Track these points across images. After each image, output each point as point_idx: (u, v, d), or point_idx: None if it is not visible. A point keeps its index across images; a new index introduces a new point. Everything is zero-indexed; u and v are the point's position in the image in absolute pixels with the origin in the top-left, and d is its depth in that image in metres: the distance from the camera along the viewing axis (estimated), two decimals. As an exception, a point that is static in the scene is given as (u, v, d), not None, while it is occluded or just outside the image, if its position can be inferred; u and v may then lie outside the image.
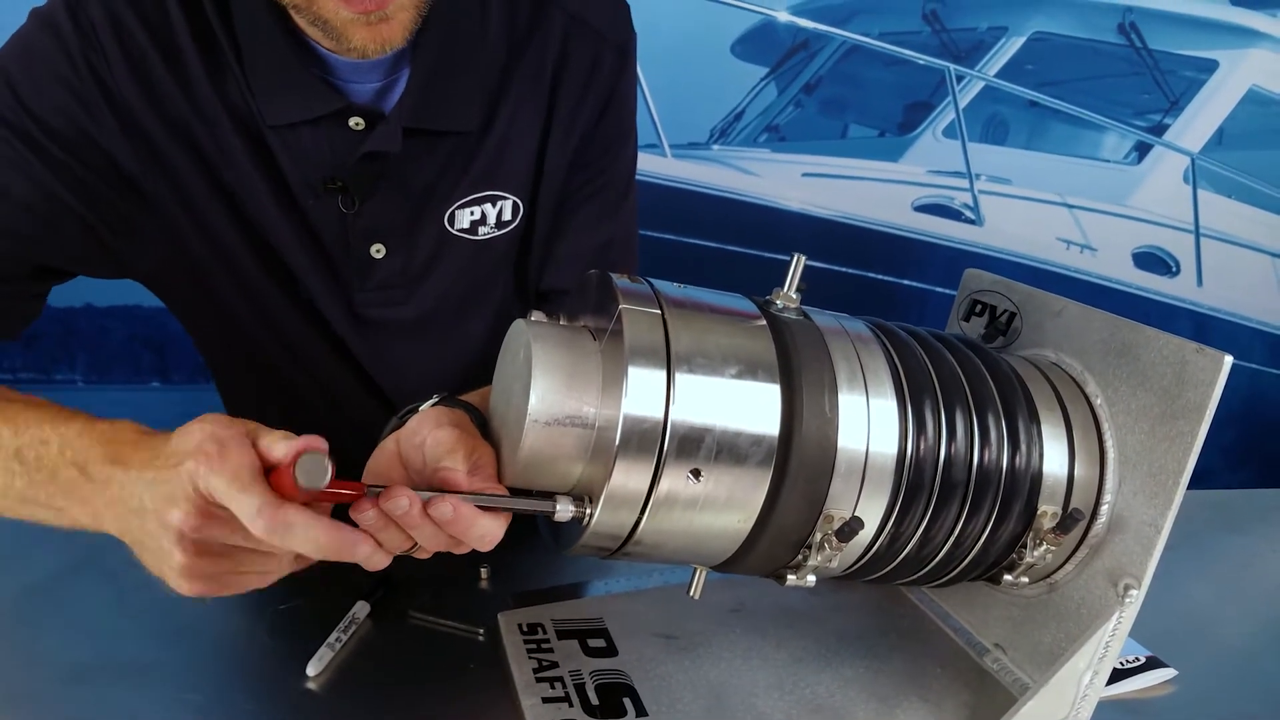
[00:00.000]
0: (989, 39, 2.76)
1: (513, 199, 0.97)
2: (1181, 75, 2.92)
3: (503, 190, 0.97)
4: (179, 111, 0.85)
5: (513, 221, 0.98)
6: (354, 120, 0.87)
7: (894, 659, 0.87)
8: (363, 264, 0.93)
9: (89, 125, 0.83)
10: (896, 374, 0.68)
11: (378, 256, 0.93)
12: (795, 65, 2.67)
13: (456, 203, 0.94)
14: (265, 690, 0.78)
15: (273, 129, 0.86)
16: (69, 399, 2.24)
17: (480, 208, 0.96)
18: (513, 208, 0.97)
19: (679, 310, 0.63)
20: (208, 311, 0.98)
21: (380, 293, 0.95)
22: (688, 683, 0.81)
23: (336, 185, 0.88)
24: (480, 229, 0.97)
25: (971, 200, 2.78)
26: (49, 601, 0.89)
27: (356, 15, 0.76)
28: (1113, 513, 0.75)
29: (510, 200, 0.97)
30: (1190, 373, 0.71)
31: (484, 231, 0.97)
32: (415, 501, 0.60)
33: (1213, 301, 3.06)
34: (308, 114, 0.85)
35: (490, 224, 0.97)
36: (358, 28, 0.77)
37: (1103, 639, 0.74)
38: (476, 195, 0.95)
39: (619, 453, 0.58)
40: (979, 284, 0.93)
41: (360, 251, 0.93)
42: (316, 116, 0.86)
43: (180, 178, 0.87)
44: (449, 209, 0.94)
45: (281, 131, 0.86)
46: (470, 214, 0.96)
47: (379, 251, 0.93)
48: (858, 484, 0.65)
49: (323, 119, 0.86)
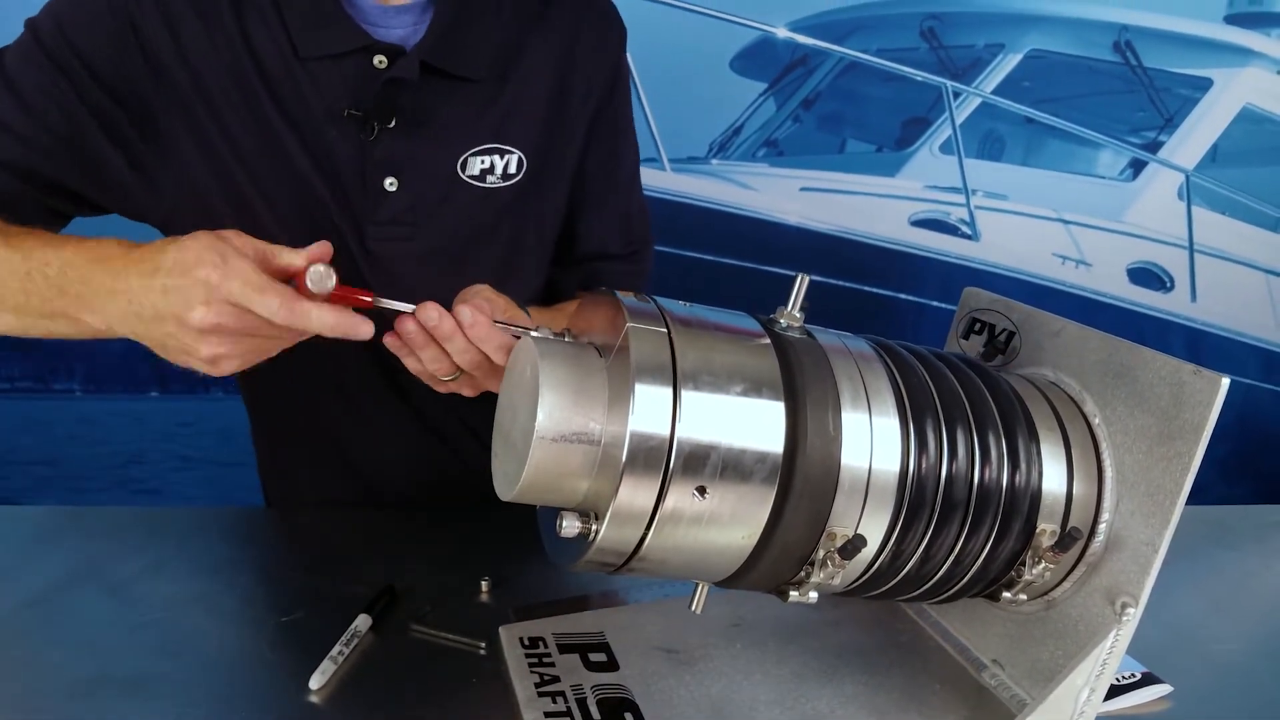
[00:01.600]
0: (986, 56, 2.78)
1: (519, 154, 1.06)
2: (1176, 93, 2.95)
3: (511, 145, 1.05)
4: (203, 56, 0.95)
5: (517, 175, 1.06)
6: (378, 58, 0.97)
7: (893, 675, 0.87)
8: (376, 195, 1.01)
9: (122, 62, 0.93)
10: (899, 392, 0.69)
11: (390, 190, 1.01)
12: (794, 81, 2.69)
13: (469, 150, 1.03)
14: (268, 704, 0.78)
15: (302, 60, 0.96)
16: (67, 408, 2.25)
17: (490, 158, 1.04)
18: (518, 162, 1.06)
19: (685, 328, 0.64)
20: None
21: (390, 227, 1.03)
22: (689, 698, 0.81)
23: (356, 114, 0.97)
24: (488, 178, 1.05)
25: (968, 215, 2.80)
26: (50, 615, 0.89)
27: None
28: (1110, 531, 0.76)
29: (516, 155, 1.06)
30: (1188, 394, 0.71)
31: (491, 180, 1.05)
32: (445, 315, 0.76)
33: (1206, 317, 3.08)
34: (338, 48, 0.96)
35: (497, 174, 1.05)
36: None
37: (1100, 656, 0.74)
38: (487, 146, 1.04)
39: (625, 469, 0.59)
40: (978, 302, 0.94)
41: (375, 183, 1.00)
42: (345, 50, 0.96)
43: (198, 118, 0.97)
44: (462, 155, 1.03)
45: (309, 64, 0.96)
46: (481, 162, 1.04)
47: (392, 185, 1.01)
48: (860, 502, 0.66)
49: (350, 54, 0.96)
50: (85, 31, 0.93)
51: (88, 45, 0.93)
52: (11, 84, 0.93)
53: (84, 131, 0.94)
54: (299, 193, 1.00)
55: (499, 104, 1.04)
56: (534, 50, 1.06)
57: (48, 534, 1.03)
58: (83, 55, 0.93)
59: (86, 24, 0.93)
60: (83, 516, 1.08)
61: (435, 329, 0.77)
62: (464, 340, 0.77)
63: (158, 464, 2.49)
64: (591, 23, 1.10)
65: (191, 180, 0.99)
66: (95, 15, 0.93)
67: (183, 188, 0.99)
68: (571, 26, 1.08)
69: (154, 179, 0.99)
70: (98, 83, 0.93)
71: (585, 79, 1.09)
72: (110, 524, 1.06)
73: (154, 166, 0.98)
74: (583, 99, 1.09)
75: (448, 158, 1.03)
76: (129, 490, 2.52)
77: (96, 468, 2.50)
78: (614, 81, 1.12)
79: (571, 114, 1.09)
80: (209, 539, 1.04)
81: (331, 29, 0.96)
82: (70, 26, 0.93)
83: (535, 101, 1.06)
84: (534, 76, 1.06)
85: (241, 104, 0.97)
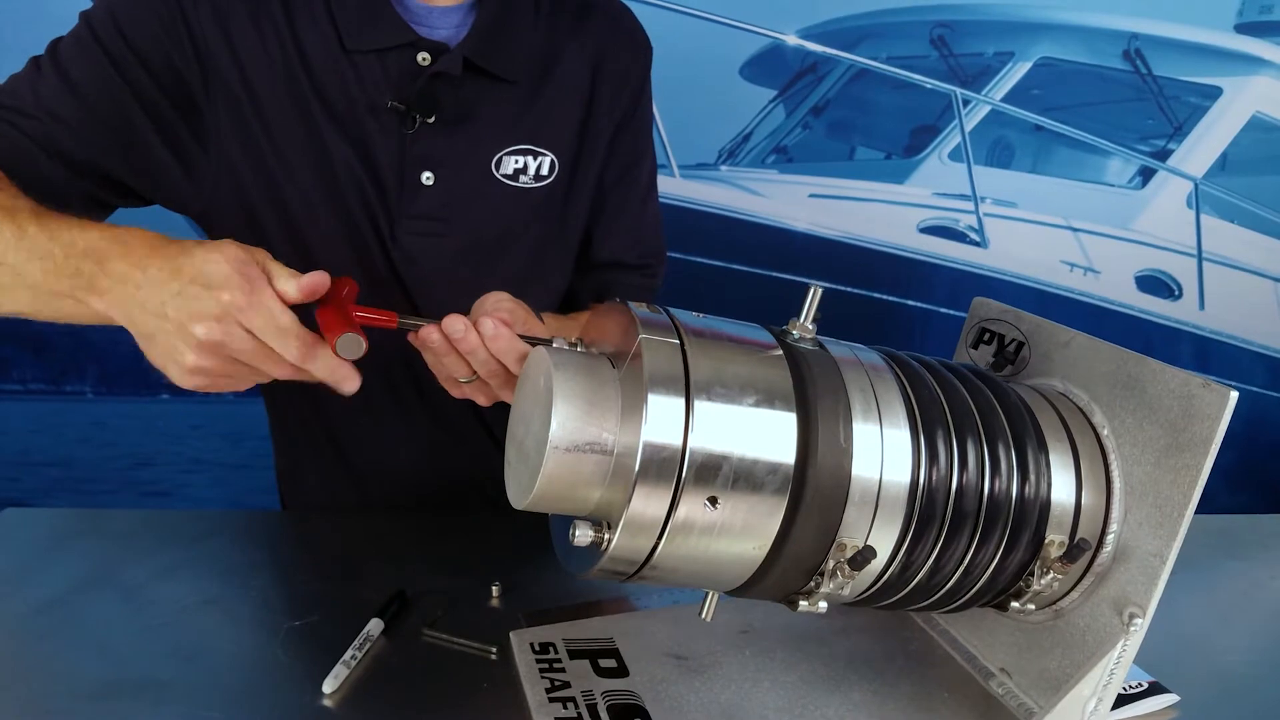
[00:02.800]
0: (995, 64, 2.78)
1: (551, 156, 1.09)
2: (1186, 101, 2.94)
3: (545, 147, 1.09)
4: (251, 55, 0.98)
5: (549, 177, 1.10)
6: (422, 55, 1.00)
7: (901, 683, 0.87)
8: (412, 188, 1.03)
9: (172, 54, 0.96)
10: (910, 404, 0.70)
11: (427, 183, 1.03)
12: (803, 88, 2.69)
13: (504, 149, 1.06)
14: (282, 707, 0.79)
15: (348, 54, 0.99)
16: (78, 410, 2.27)
17: (524, 158, 1.08)
18: (551, 164, 1.09)
19: (698, 339, 0.64)
20: None
21: (423, 221, 1.05)
22: (699, 704, 0.82)
23: (400, 107, 1.00)
24: (521, 178, 1.08)
25: (976, 222, 2.80)
26: (64, 618, 0.90)
27: None
28: (1118, 542, 0.76)
29: (549, 158, 1.09)
30: (1197, 406, 0.72)
31: (524, 180, 1.08)
32: (470, 328, 0.77)
33: (1215, 325, 3.08)
34: (385, 42, 0.99)
35: (530, 175, 1.08)
36: None
37: (1107, 666, 0.75)
38: (522, 146, 1.07)
39: (638, 479, 0.59)
40: (987, 312, 0.94)
41: (412, 176, 1.03)
42: (391, 45, 1.00)
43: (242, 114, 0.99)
44: (497, 154, 1.06)
45: (354, 57, 0.99)
46: (515, 162, 1.07)
47: (429, 179, 1.03)
48: (871, 513, 0.66)
49: (395, 49, 1.00)
50: (138, 23, 0.95)
51: (139, 36, 0.95)
52: (65, 74, 0.95)
53: (133, 122, 0.96)
54: (336, 187, 1.03)
55: (535, 107, 1.07)
56: (570, 59, 1.10)
57: (61, 537, 1.04)
58: (134, 46, 0.95)
59: (140, 16, 0.95)
60: (96, 519, 1.09)
61: (460, 341, 0.78)
62: (486, 353, 0.79)
63: (168, 466, 2.50)
64: (622, 41, 1.14)
65: (232, 172, 1.01)
66: (148, 7, 0.95)
67: (223, 180, 1.01)
68: (603, 42, 1.12)
69: (197, 170, 1.01)
70: (148, 74, 0.96)
71: (612, 93, 1.13)
72: (123, 527, 1.07)
73: (197, 157, 1.00)
74: (608, 111, 1.13)
75: (483, 155, 1.06)
76: (139, 492, 2.54)
77: (107, 469, 2.51)
78: (638, 98, 1.16)
79: (598, 124, 1.13)
80: (222, 543, 1.05)
81: (379, 24, 1.00)
82: (124, 18, 0.95)
83: (569, 107, 1.10)
84: (568, 83, 1.10)
85: (285, 97, 1.00)
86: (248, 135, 1.00)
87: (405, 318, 0.78)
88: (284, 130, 1.01)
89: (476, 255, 1.09)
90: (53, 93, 0.95)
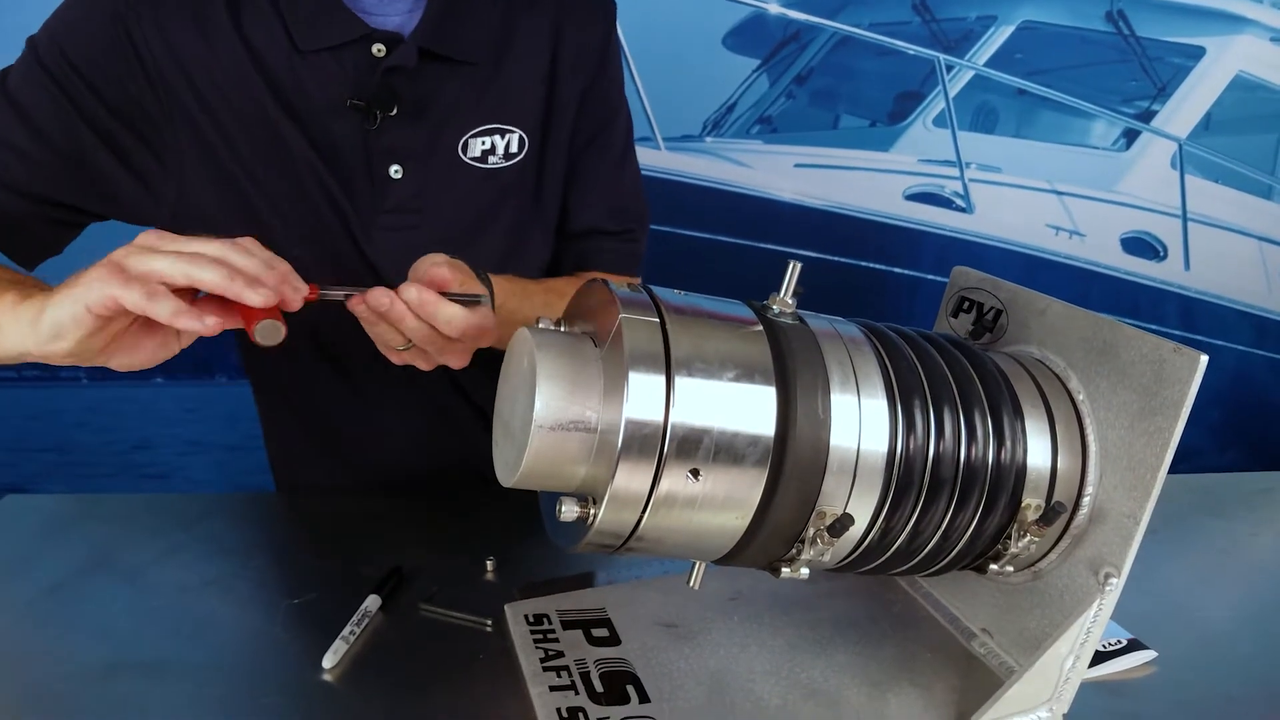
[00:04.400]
0: (978, 28, 2.77)
1: (519, 133, 1.08)
2: (1169, 62, 2.94)
3: (511, 124, 1.07)
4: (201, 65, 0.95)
5: (519, 154, 1.08)
6: (376, 46, 0.98)
7: (885, 645, 0.90)
8: (381, 184, 1.02)
9: (121, 74, 0.94)
10: (887, 375, 0.71)
11: (396, 177, 1.02)
12: (786, 57, 2.68)
13: (469, 132, 1.04)
14: (283, 683, 0.81)
15: (302, 54, 0.96)
16: (74, 396, 2.28)
17: (490, 138, 1.06)
18: (519, 141, 1.08)
19: (678, 317, 0.66)
20: None
21: (396, 215, 1.04)
22: (689, 670, 0.84)
23: (359, 104, 0.98)
24: (490, 158, 1.07)
25: (962, 188, 2.80)
26: (66, 602, 0.91)
27: None
28: (1094, 505, 0.78)
29: (517, 134, 1.08)
30: (1168, 371, 0.73)
31: (493, 161, 1.07)
32: (395, 300, 0.76)
33: (1200, 285, 3.09)
34: (338, 38, 0.97)
35: (499, 154, 1.07)
36: None
37: (1084, 625, 0.77)
38: (487, 126, 1.05)
39: (621, 455, 0.61)
40: (967, 281, 0.96)
41: (380, 171, 1.02)
42: (345, 41, 0.97)
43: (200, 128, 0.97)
44: (462, 138, 1.04)
45: (308, 57, 0.97)
46: (481, 143, 1.06)
47: (397, 172, 1.02)
48: (849, 482, 0.68)
49: (348, 44, 0.97)
50: (83, 47, 0.93)
51: (86, 60, 0.93)
52: (16, 104, 0.94)
53: (87, 147, 0.95)
54: (303, 189, 1.01)
55: (496, 84, 1.06)
56: (527, 30, 1.08)
57: (61, 522, 1.05)
58: (82, 71, 0.93)
59: (83, 39, 0.93)
60: (95, 504, 1.10)
61: (387, 313, 0.78)
62: (415, 319, 0.79)
63: (164, 449, 2.51)
64: (579, 2, 1.12)
65: (194, 185, 1.00)
66: (91, 30, 0.93)
67: (186, 194, 1.00)
68: (562, 6, 1.10)
69: (156, 187, 1.00)
70: (97, 97, 0.94)
71: (574, 54, 1.10)
72: (122, 511, 1.08)
73: (156, 175, 0.99)
74: (572, 78, 1.11)
75: (449, 140, 1.05)
76: (137, 475, 2.55)
77: (104, 454, 2.52)
78: (603, 57, 1.14)
79: (564, 90, 1.11)
80: (220, 524, 1.06)
81: (330, 21, 0.97)
82: (68, 43, 0.93)
83: (531, 80, 1.08)
84: (528, 55, 1.08)
85: (242, 104, 0.98)
86: (206, 146, 0.99)
87: (326, 289, 0.77)
88: (244, 137, 0.99)
89: (453, 243, 1.07)
90: (4, 125, 0.94)
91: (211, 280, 0.70)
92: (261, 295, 0.71)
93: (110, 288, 0.68)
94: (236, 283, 0.70)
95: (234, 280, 0.70)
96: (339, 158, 1.01)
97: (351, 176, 1.02)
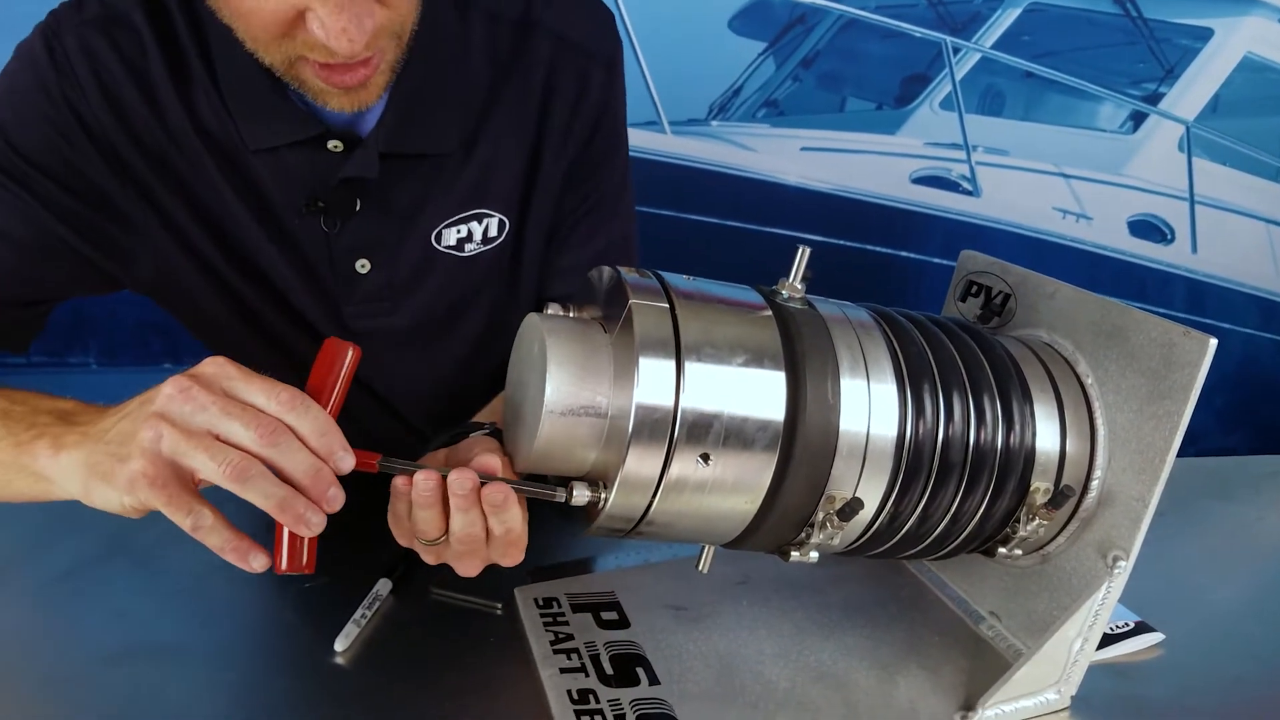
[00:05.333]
0: (985, 11, 2.76)
1: (499, 216, 0.98)
2: (1177, 44, 2.92)
3: (489, 209, 0.98)
4: (154, 138, 0.87)
5: (499, 237, 0.99)
6: (332, 143, 0.88)
7: (894, 628, 0.90)
8: (349, 279, 0.95)
9: (72, 156, 0.85)
10: (896, 360, 0.71)
11: (363, 271, 0.94)
12: (793, 40, 2.67)
13: (443, 222, 0.96)
14: (296, 667, 0.82)
15: (254, 153, 0.87)
16: (82, 381, 2.29)
17: (466, 226, 0.97)
18: (499, 224, 0.99)
19: (688, 302, 0.66)
20: (203, 324, 1.00)
21: (368, 305, 0.97)
22: (697, 653, 0.85)
23: (318, 206, 0.90)
24: (467, 246, 0.98)
25: (969, 171, 2.79)
26: (82, 587, 0.92)
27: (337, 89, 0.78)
28: (1103, 488, 0.79)
29: (496, 218, 0.98)
30: (1177, 355, 0.74)
31: (470, 248, 0.98)
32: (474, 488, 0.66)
33: (1207, 268, 3.08)
34: (286, 138, 0.87)
35: (477, 240, 0.98)
36: (336, 95, 0.79)
37: (1092, 607, 0.77)
38: (463, 215, 0.96)
39: (632, 440, 0.61)
40: (975, 265, 0.96)
41: (345, 267, 0.94)
42: (294, 141, 0.87)
43: (161, 202, 0.89)
44: (435, 228, 0.96)
45: (262, 155, 0.88)
46: (457, 232, 0.97)
47: (364, 266, 0.94)
48: (859, 466, 0.68)
49: (301, 143, 0.87)
50: (32, 137, 0.85)
51: (38, 151, 0.85)
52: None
53: (57, 239, 0.87)
54: (268, 276, 0.95)
55: (470, 170, 0.95)
56: (507, 103, 0.95)
57: (74, 507, 1.05)
58: (36, 163, 0.85)
59: (31, 130, 0.85)
60: (106, 490, 1.10)
61: (464, 498, 0.67)
62: (479, 512, 0.69)
63: (173, 435, 2.51)
64: (569, 62, 0.96)
65: (167, 262, 0.93)
66: (38, 117, 0.85)
67: (162, 271, 0.93)
68: (547, 74, 0.96)
69: (132, 265, 0.93)
70: (58, 185, 0.86)
71: (563, 129, 0.98)
72: (134, 497, 1.09)
73: (129, 253, 0.92)
74: (559, 150, 0.99)
75: (422, 232, 0.96)
76: (146, 461, 2.55)
77: (113, 440, 2.52)
78: (596, 123, 1.00)
79: (550, 166, 0.99)
80: (232, 509, 1.06)
81: (279, 118, 0.86)
82: (16, 137, 0.85)
83: (511, 158, 0.97)
84: (508, 131, 0.96)
85: (198, 185, 0.90)
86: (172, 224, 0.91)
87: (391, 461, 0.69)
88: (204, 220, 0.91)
89: (433, 325, 1.02)
90: None
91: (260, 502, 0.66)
92: (317, 525, 0.67)
93: (153, 499, 0.66)
94: (287, 514, 0.66)
95: (284, 512, 0.66)
96: (302, 255, 0.94)
97: (317, 270, 0.94)
